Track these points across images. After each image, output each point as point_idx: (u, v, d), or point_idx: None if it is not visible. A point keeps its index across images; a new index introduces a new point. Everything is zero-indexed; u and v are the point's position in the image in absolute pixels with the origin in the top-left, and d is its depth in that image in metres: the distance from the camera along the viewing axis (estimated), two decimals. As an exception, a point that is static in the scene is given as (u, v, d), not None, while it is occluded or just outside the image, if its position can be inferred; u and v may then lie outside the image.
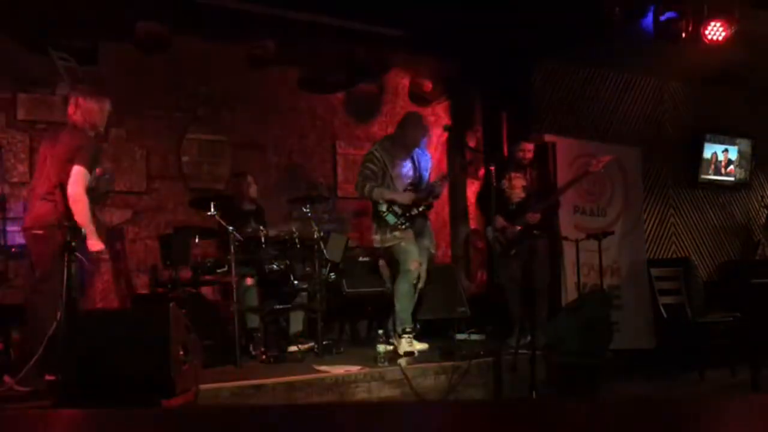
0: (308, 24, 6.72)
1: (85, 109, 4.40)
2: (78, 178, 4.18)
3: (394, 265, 5.57)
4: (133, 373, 3.49)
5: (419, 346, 5.21)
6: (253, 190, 6.05)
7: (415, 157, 5.67)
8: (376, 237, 5.51)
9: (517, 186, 5.93)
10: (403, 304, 5.30)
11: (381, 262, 6.36)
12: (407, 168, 5.63)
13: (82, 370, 3.55)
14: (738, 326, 6.49)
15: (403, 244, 5.39)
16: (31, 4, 5.94)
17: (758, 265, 8.20)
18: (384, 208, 5.43)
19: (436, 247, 5.81)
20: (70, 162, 4.20)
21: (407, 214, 5.41)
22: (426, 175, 5.70)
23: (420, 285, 5.47)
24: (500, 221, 5.69)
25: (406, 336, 5.11)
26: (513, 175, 5.91)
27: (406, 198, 5.44)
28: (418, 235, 5.51)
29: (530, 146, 6.03)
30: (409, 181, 5.60)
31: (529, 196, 5.91)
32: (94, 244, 4.21)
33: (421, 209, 5.49)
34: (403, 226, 5.39)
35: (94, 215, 4.37)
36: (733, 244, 8.70)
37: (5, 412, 3.44)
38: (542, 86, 7.50)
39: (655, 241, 8.05)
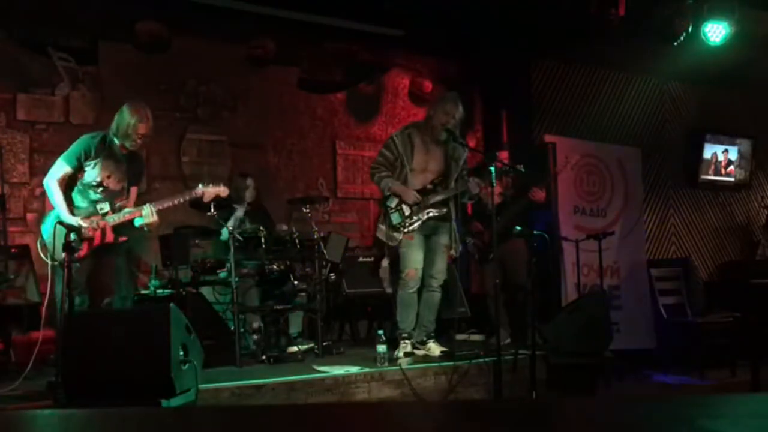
0: (308, 24, 6.72)
1: (118, 112, 4.49)
2: (54, 166, 4.41)
3: (396, 266, 5.42)
4: (133, 373, 3.48)
5: (436, 350, 5.08)
6: (248, 194, 5.98)
7: (447, 147, 5.04)
8: (382, 227, 5.13)
9: (495, 192, 5.92)
10: (400, 312, 5.17)
11: (384, 263, 6.31)
12: (434, 160, 5.05)
13: (82, 370, 3.55)
14: (738, 326, 6.49)
15: (403, 249, 5.03)
16: (31, 4, 5.94)
17: (758, 265, 8.20)
18: (393, 204, 5.02)
19: (457, 248, 5.19)
20: None
21: (415, 218, 4.97)
22: (456, 168, 5.04)
23: (436, 284, 5.14)
24: (477, 226, 5.69)
25: (403, 342, 5.10)
26: (489, 181, 5.91)
27: (410, 197, 4.94)
28: (434, 232, 5.09)
29: (505, 155, 6.07)
30: (432, 177, 5.06)
31: (505, 200, 5.91)
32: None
33: (431, 214, 4.98)
34: (406, 230, 4.98)
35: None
36: (733, 244, 8.70)
37: (5, 412, 3.44)
38: (542, 86, 7.50)
39: (655, 241, 8.05)
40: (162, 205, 4.49)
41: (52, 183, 4.35)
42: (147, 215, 4.41)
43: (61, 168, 4.37)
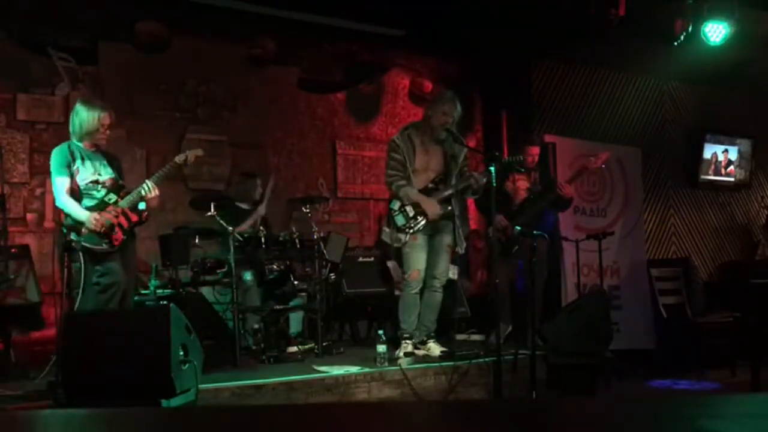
0: (308, 24, 6.72)
1: (73, 114, 4.48)
2: (56, 187, 4.41)
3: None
4: (133, 373, 3.49)
5: (436, 350, 5.08)
6: (257, 194, 6.05)
7: (446, 146, 5.08)
8: (386, 230, 5.16)
9: (521, 187, 5.92)
10: (402, 311, 5.16)
11: (392, 264, 6.30)
12: (434, 159, 5.09)
13: (82, 370, 3.55)
14: (738, 326, 6.49)
15: (406, 250, 5.04)
16: (31, 4, 5.94)
17: (758, 265, 8.20)
18: (396, 207, 5.03)
19: (462, 245, 5.17)
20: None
21: (419, 218, 4.97)
22: (455, 166, 5.07)
23: (438, 284, 5.14)
24: (502, 220, 5.67)
25: (404, 342, 5.10)
26: (517, 176, 5.91)
27: (430, 208, 4.94)
28: (437, 232, 5.09)
29: (536, 150, 6.02)
30: (434, 176, 5.08)
31: (531, 196, 5.91)
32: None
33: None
34: (411, 231, 4.98)
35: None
36: (733, 244, 8.71)
37: (5, 412, 3.44)
38: (542, 86, 7.51)
39: (655, 241, 8.05)
40: (157, 178, 4.56)
41: (65, 199, 4.34)
42: (148, 190, 4.47)
43: (62, 183, 4.37)
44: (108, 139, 4.56)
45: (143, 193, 4.47)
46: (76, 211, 4.33)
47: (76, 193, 4.40)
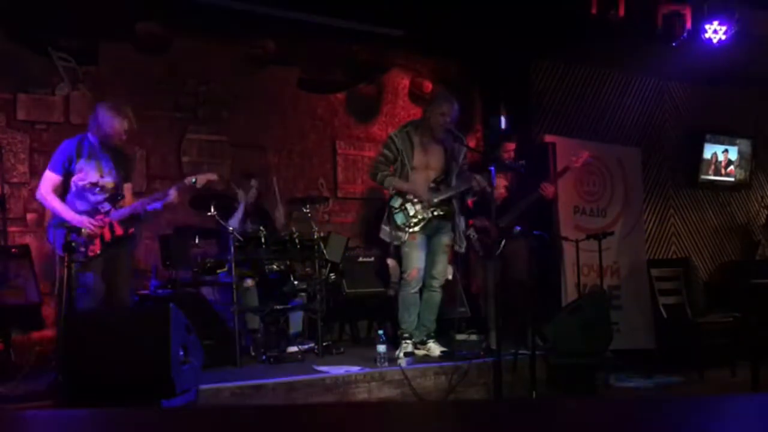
0: (308, 24, 6.72)
1: (95, 115, 4.52)
2: (42, 179, 4.46)
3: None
4: (133, 373, 3.49)
5: (436, 350, 5.10)
6: (251, 195, 6.00)
7: (446, 145, 5.10)
8: (385, 228, 5.17)
9: (500, 186, 5.90)
10: (402, 311, 5.17)
11: (392, 263, 6.29)
12: (434, 158, 5.11)
13: (82, 370, 3.55)
14: (738, 326, 6.49)
15: (406, 249, 5.07)
16: (31, 4, 5.94)
17: (758, 265, 8.19)
18: (397, 204, 5.06)
19: (462, 243, 5.21)
20: None
21: (420, 217, 5.02)
22: (455, 165, 5.11)
23: (437, 284, 5.19)
24: (483, 222, 5.71)
25: (404, 342, 5.11)
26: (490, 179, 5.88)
27: (420, 192, 4.99)
28: (436, 232, 5.14)
29: (512, 146, 6.03)
30: (434, 175, 5.12)
31: (510, 195, 5.89)
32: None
33: (436, 213, 5.04)
34: (410, 230, 5.01)
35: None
36: (733, 244, 8.70)
37: (5, 412, 3.44)
38: (542, 86, 7.50)
39: (655, 241, 8.05)
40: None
41: (45, 194, 4.38)
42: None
43: (49, 179, 4.40)
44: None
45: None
46: (59, 209, 4.35)
47: (70, 192, 4.39)
